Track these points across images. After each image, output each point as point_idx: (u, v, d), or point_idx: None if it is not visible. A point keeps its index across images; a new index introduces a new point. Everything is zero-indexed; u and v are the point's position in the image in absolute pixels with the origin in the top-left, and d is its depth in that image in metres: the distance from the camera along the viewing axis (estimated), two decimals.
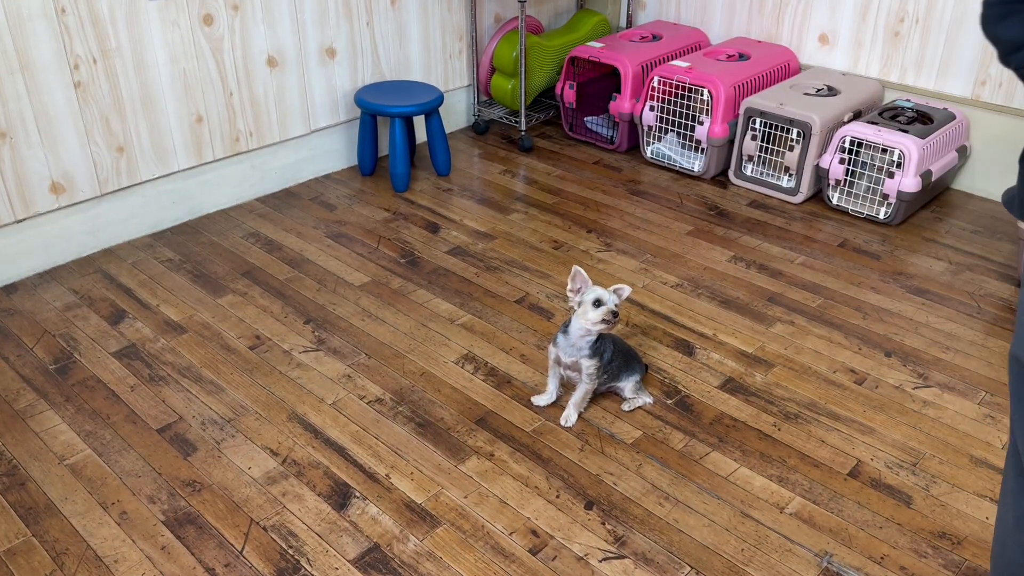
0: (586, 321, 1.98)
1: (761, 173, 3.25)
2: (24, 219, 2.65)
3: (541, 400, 2.18)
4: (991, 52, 3.03)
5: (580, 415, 2.12)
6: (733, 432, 2.09)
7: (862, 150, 3.01)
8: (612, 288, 2.00)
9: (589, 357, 2.04)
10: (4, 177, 2.57)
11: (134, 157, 2.83)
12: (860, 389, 2.23)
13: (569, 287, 2.01)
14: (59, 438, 2.07)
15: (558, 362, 2.10)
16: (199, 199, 3.04)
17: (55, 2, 2.49)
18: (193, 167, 2.99)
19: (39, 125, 2.58)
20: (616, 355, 2.09)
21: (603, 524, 1.83)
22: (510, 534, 1.81)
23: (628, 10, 3.96)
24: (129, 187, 2.86)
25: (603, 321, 1.96)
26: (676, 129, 3.38)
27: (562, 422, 2.10)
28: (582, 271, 2.00)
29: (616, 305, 1.97)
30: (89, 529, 1.82)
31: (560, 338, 2.07)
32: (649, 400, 2.17)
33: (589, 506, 1.88)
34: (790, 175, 3.17)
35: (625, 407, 2.15)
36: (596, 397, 2.18)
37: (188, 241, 2.91)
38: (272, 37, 3.02)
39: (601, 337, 2.05)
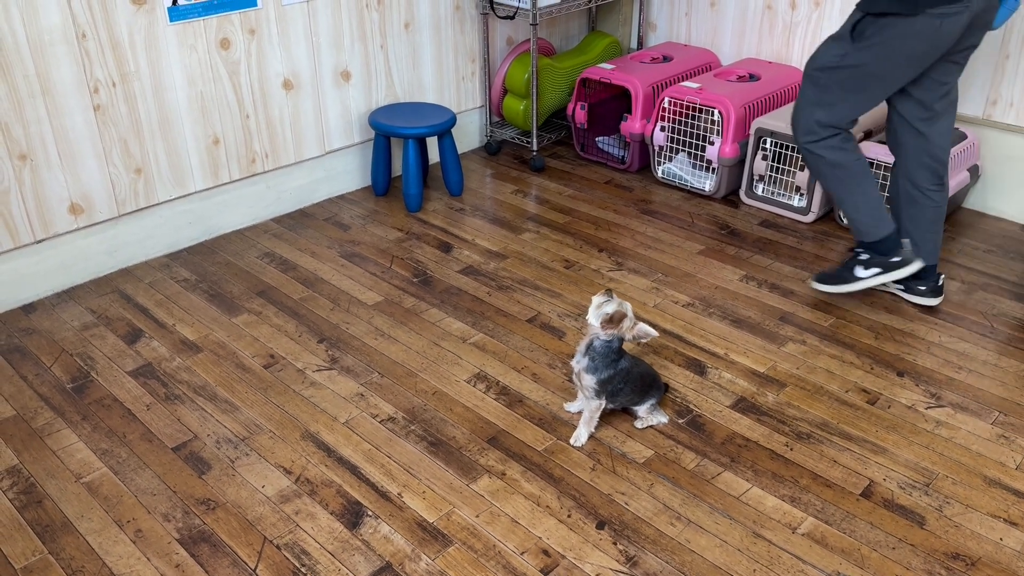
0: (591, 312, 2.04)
1: (772, 193, 3.26)
2: (43, 239, 2.70)
3: (573, 407, 2.22)
4: (1001, 72, 3.04)
5: (591, 435, 2.13)
6: (745, 452, 2.09)
7: (872, 170, 3.01)
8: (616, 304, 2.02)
9: (586, 372, 2.05)
10: (24, 198, 2.61)
11: (152, 178, 2.87)
12: (872, 409, 2.23)
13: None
14: (76, 456, 2.09)
15: (573, 367, 2.12)
16: (215, 220, 3.08)
17: (76, 27, 2.54)
18: (210, 188, 3.03)
19: (59, 147, 2.63)
20: (627, 388, 2.09)
21: (615, 544, 1.84)
22: (521, 554, 1.81)
23: (639, 32, 3.99)
24: (146, 208, 2.90)
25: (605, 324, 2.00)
26: (687, 149, 3.40)
27: (572, 441, 2.11)
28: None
29: (612, 317, 2.00)
30: (105, 547, 1.84)
31: (578, 345, 2.10)
32: (663, 419, 2.17)
33: (600, 526, 1.88)
34: (801, 195, 3.18)
35: (638, 424, 2.16)
36: (608, 416, 2.18)
37: (204, 261, 2.94)
38: (288, 60, 3.07)
39: (608, 363, 2.05)
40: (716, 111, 3.24)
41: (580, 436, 2.11)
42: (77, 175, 2.70)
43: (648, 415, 2.16)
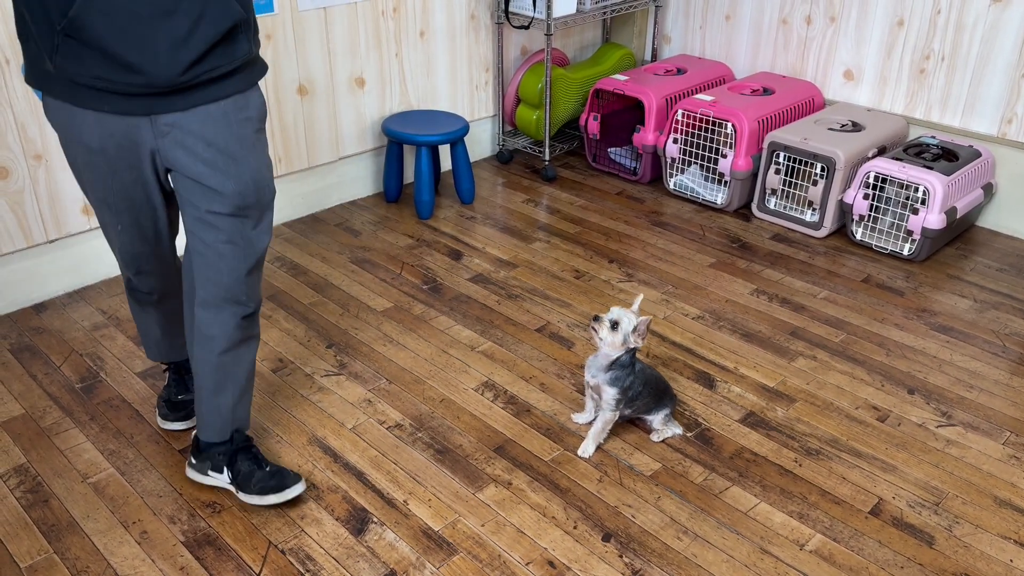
0: (605, 346, 2.01)
1: (784, 207, 3.25)
2: (56, 239, 2.71)
3: (580, 418, 2.20)
4: (1017, 91, 3.03)
5: (599, 447, 2.12)
6: (753, 467, 2.07)
7: (886, 186, 3.00)
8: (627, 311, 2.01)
9: (609, 384, 2.04)
10: (39, 199, 2.63)
11: None
12: (882, 426, 2.21)
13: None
14: (83, 456, 2.09)
15: (588, 382, 2.11)
16: None
17: None
18: None
19: None
20: (645, 391, 2.09)
21: (620, 557, 1.82)
22: (527, 564, 1.80)
23: (653, 44, 3.99)
24: None
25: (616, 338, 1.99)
26: (699, 162, 3.40)
27: (579, 452, 2.10)
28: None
29: (628, 327, 1.99)
30: (110, 548, 1.84)
31: (591, 358, 2.09)
32: (679, 431, 2.16)
33: (607, 538, 1.87)
34: (813, 209, 3.17)
35: (654, 437, 2.15)
36: (616, 428, 2.17)
37: None
38: (303, 66, 3.08)
39: (631, 372, 2.05)
40: (729, 124, 3.23)
41: (587, 448, 2.10)
42: None
43: (663, 427, 2.15)
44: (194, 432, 1.99)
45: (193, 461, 1.99)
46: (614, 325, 1.99)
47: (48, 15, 1.48)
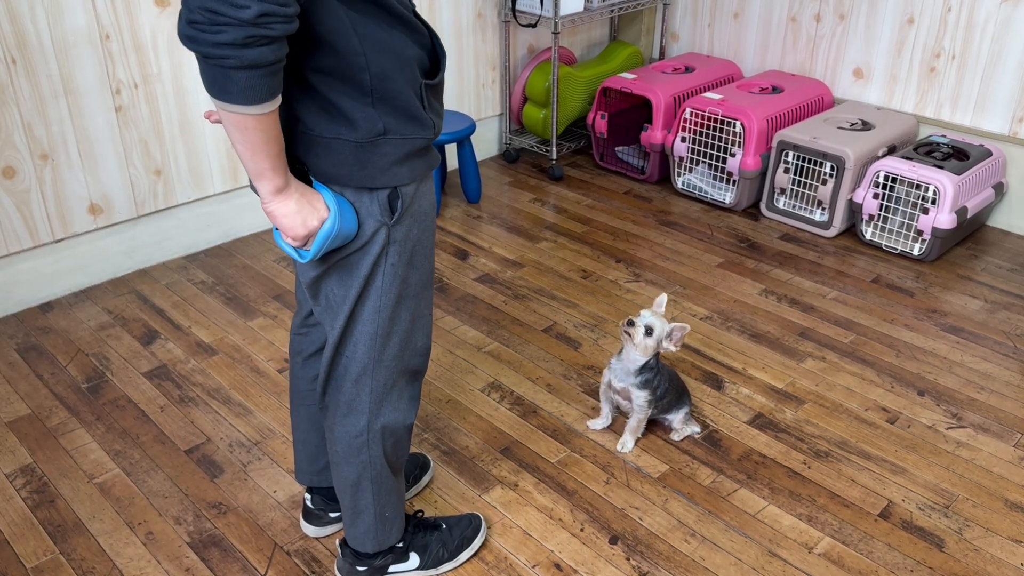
0: (639, 351, 2.00)
1: (793, 206, 3.23)
2: (62, 239, 2.71)
3: (597, 424, 2.19)
4: None
5: (636, 441, 2.12)
6: (762, 469, 2.06)
7: (896, 185, 2.98)
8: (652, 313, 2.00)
9: (639, 388, 2.03)
10: (45, 198, 2.63)
11: (171, 180, 2.88)
12: (892, 428, 2.19)
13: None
14: (89, 456, 2.09)
15: (610, 386, 2.09)
16: (233, 222, 3.09)
17: (100, 28, 2.56)
18: (228, 191, 3.03)
19: (80, 148, 2.64)
20: (670, 390, 2.09)
21: (628, 559, 1.81)
22: (533, 567, 1.79)
23: (661, 42, 3.97)
24: (165, 209, 2.91)
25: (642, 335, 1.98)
26: (708, 161, 3.38)
27: (619, 448, 2.10)
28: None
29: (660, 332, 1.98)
30: (116, 549, 1.84)
31: (614, 362, 2.07)
32: (697, 430, 2.16)
33: (614, 541, 1.86)
34: (823, 209, 3.15)
35: (674, 436, 2.15)
36: (622, 430, 2.16)
37: (221, 264, 2.95)
38: None
39: (658, 372, 2.04)
40: (738, 123, 3.21)
41: (626, 443, 2.10)
42: (97, 176, 2.71)
43: (683, 426, 2.14)
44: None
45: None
46: (649, 330, 1.97)
47: (421, 75, 1.30)
